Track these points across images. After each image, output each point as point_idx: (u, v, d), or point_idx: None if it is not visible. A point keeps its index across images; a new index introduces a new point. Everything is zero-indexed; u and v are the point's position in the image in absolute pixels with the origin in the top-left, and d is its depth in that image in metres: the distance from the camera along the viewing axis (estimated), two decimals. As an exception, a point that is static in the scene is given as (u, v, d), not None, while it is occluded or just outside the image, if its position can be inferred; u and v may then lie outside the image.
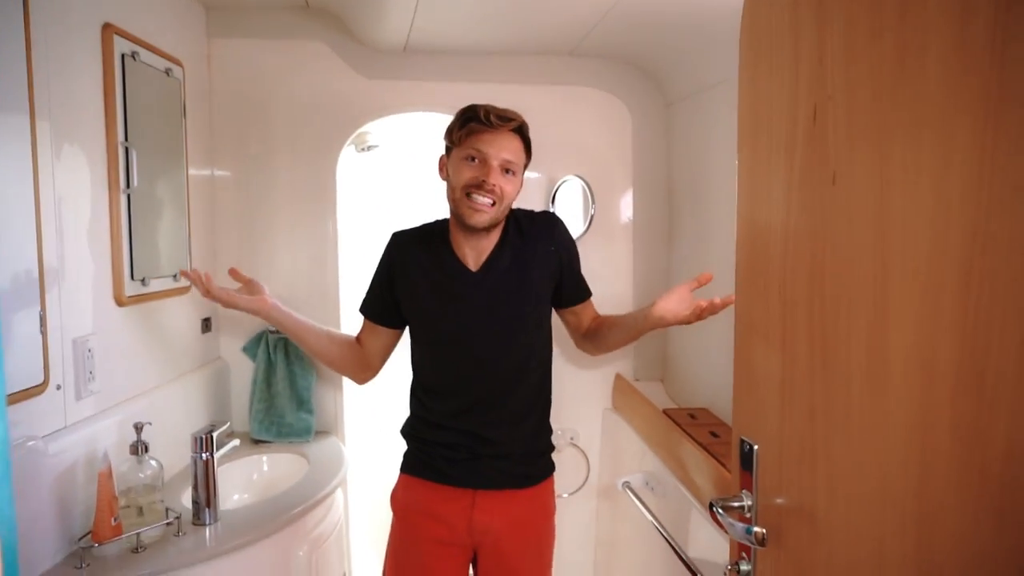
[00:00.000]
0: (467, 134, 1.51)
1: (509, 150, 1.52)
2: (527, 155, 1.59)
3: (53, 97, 1.37)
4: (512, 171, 1.53)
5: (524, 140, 1.57)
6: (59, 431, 1.40)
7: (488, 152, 1.50)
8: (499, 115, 1.51)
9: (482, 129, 1.50)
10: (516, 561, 1.61)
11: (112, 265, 1.60)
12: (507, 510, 1.59)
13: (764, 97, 0.90)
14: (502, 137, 1.51)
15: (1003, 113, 0.54)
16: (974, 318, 0.57)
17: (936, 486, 0.62)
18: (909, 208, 0.64)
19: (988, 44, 0.55)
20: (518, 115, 1.56)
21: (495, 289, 1.58)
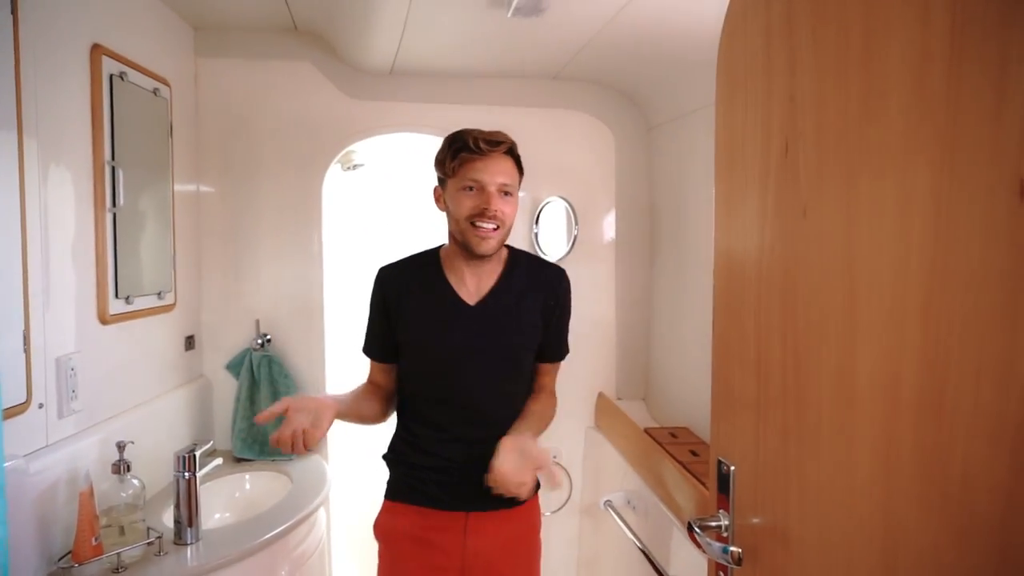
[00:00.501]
0: (460, 164, 1.51)
1: (504, 173, 1.51)
2: (520, 174, 1.58)
3: (41, 115, 1.39)
4: (510, 192, 1.53)
5: (516, 159, 1.57)
6: (40, 450, 1.40)
7: (484, 179, 1.49)
8: (488, 140, 1.50)
9: (474, 157, 1.49)
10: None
11: (96, 283, 1.61)
12: (500, 530, 1.57)
13: (739, 131, 0.94)
14: (495, 162, 1.50)
15: (957, 156, 0.58)
16: (934, 346, 0.61)
17: (900, 505, 0.65)
18: (874, 242, 0.68)
19: (943, 92, 0.59)
20: (506, 136, 1.55)
21: (491, 324, 1.56)
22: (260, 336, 2.23)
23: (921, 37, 0.61)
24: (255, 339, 2.22)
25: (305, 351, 2.28)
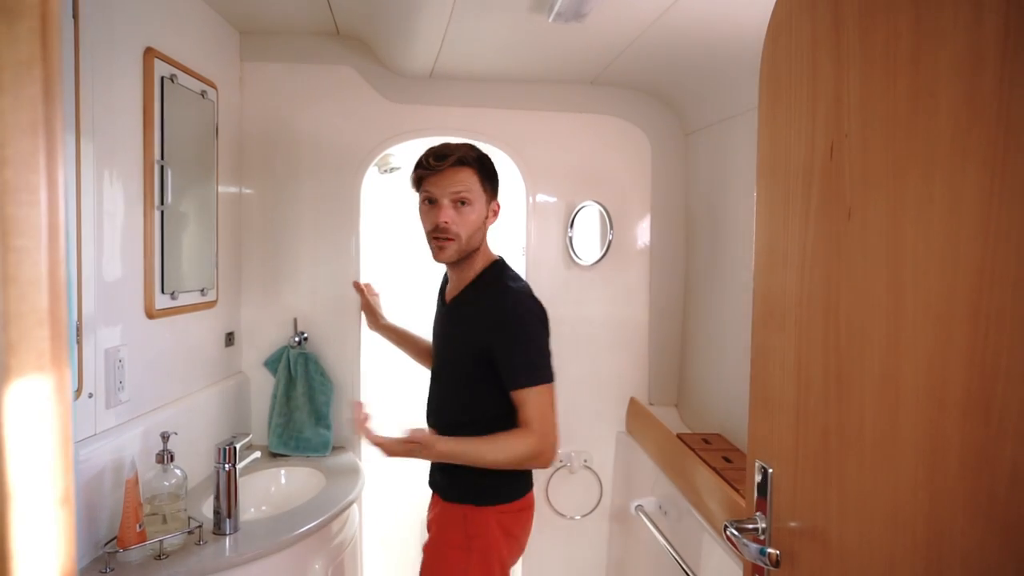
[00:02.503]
0: (417, 181, 1.66)
1: (456, 183, 1.60)
2: (484, 179, 1.64)
3: (96, 116, 1.44)
4: (466, 201, 1.61)
5: (476, 167, 1.63)
6: (89, 438, 1.45)
7: (435, 192, 1.61)
8: (436, 155, 1.61)
9: (428, 173, 1.62)
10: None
11: (144, 278, 1.66)
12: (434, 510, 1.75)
13: (782, 133, 0.94)
14: (446, 175, 1.60)
15: (1008, 159, 0.58)
16: (982, 349, 0.60)
17: (945, 507, 0.65)
18: (920, 245, 0.67)
19: (995, 94, 0.59)
20: (459, 147, 1.63)
21: (449, 324, 1.75)
22: (297, 334, 2.27)
23: (974, 38, 0.61)
24: (293, 337, 2.27)
25: (341, 349, 2.32)
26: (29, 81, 0.42)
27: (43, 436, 0.44)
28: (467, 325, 1.66)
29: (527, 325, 1.59)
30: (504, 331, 1.57)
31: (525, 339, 1.58)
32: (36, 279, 0.43)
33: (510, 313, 1.58)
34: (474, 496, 1.64)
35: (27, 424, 0.43)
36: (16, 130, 0.42)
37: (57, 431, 0.45)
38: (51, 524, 0.45)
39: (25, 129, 0.43)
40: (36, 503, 0.44)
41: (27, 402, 0.43)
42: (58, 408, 0.45)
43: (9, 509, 0.42)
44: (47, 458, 0.45)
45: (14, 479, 0.42)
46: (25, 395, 0.43)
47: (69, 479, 0.49)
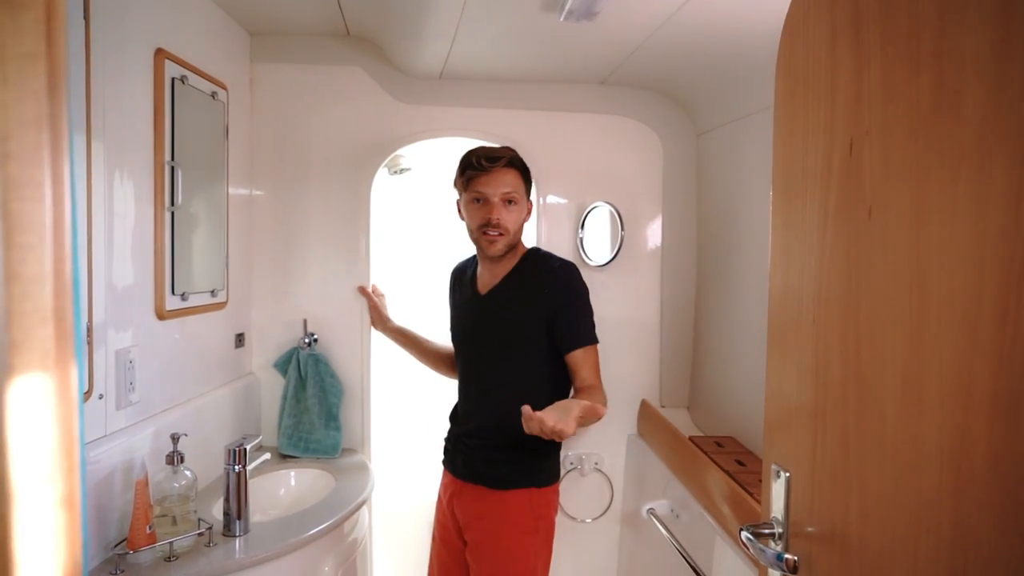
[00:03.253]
0: (467, 180, 1.78)
1: (505, 184, 1.75)
2: (525, 181, 1.82)
3: (107, 117, 1.44)
4: (513, 200, 1.77)
5: (519, 168, 1.80)
6: (99, 439, 1.45)
7: (487, 192, 1.75)
8: (488, 156, 1.76)
9: (478, 174, 1.76)
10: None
11: (155, 279, 1.65)
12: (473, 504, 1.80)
13: (800, 131, 0.92)
14: (496, 175, 1.75)
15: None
16: (1010, 350, 0.58)
17: (972, 513, 0.63)
18: (946, 242, 0.66)
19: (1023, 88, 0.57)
20: (507, 150, 1.81)
21: (490, 312, 1.84)
22: (307, 335, 2.27)
23: (1000, 30, 0.59)
24: (303, 338, 2.26)
25: (351, 351, 2.31)
26: (33, 75, 0.41)
27: (46, 437, 0.43)
28: (522, 304, 1.80)
29: (583, 292, 1.80)
30: (567, 297, 1.77)
31: (583, 303, 1.79)
32: (40, 276, 0.42)
33: (569, 281, 1.78)
34: (537, 479, 1.77)
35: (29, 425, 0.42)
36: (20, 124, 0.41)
37: (61, 431, 0.44)
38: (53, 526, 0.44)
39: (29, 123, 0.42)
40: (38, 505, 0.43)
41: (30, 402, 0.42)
42: (62, 408, 0.44)
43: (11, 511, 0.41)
44: (50, 459, 0.44)
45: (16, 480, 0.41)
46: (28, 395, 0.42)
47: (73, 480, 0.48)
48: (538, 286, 1.78)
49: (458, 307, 1.99)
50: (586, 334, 1.78)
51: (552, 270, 1.80)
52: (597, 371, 1.78)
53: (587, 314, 1.80)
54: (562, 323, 1.75)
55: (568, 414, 1.48)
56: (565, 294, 1.77)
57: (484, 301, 1.86)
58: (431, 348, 2.23)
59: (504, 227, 1.76)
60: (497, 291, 1.84)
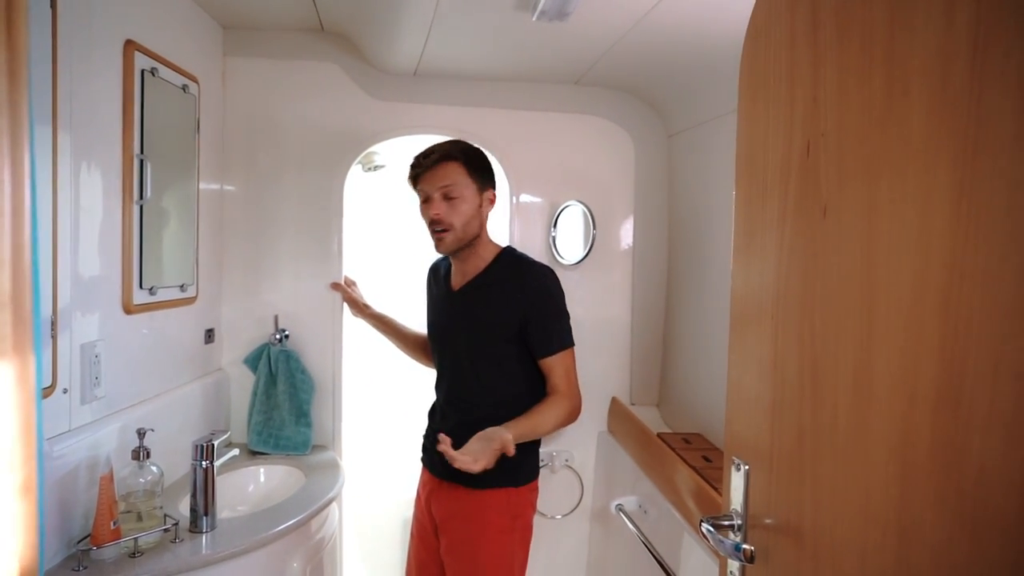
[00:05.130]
0: (413, 181, 1.81)
1: (442, 179, 1.75)
2: (473, 172, 1.77)
3: (75, 108, 1.42)
4: (453, 195, 1.74)
5: (462, 161, 1.76)
6: (63, 434, 1.43)
7: (426, 189, 1.77)
8: (423, 154, 1.79)
9: (417, 172, 1.79)
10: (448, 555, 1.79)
11: (122, 273, 1.64)
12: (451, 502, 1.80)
13: (761, 132, 0.95)
14: (433, 172, 1.76)
15: (979, 154, 0.58)
16: (952, 344, 0.61)
17: (915, 502, 0.65)
18: (893, 241, 0.68)
19: (966, 91, 0.60)
20: (443, 145, 1.79)
21: (463, 310, 1.84)
22: (278, 331, 2.26)
23: (944, 36, 0.62)
24: (273, 334, 2.25)
25: (323, 347, 2.31)
26: (-8, 60, 0.41)
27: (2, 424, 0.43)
28: (495, 305, 1.78)
29: (556, 295, 1.78)
30: (539, 300, 1.75)
31: (556, 307, 1.77)
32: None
33: (542, 284, 1.76)
34: (515, 478, 1.76)
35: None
36: (-22, 110, 0.41)
37: (17, 419, 0.44)
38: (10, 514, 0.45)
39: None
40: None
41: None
42: (19, 395, 0.44)
43: (-34, 495, 0.41)
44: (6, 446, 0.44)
45: (-29, 465, 0.42)
46: (-16, 379, 0.42)
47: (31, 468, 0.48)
48: (513, 289, 1.76)
49: (434, 303, 1.99)
50: (559, 340, 1.76)
51: (529, 274, 1.78)
52: (569, 376, 1.77)
53: (561, 320, 1.78)
54: (536, 328, 1.74)
55: (488, 447, 1.57)
56: (540, 299, 1.75)
57: (457, 298, 1.86)
58: (410, 335, 2.23)
59: (447, 223, 1.74)
60: (469, 289, 1.83)
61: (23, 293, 0.45)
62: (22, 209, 0.44)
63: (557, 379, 1.75)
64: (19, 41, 0.43)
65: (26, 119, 0.44)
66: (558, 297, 1.78)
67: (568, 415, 1.74)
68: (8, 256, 0.43)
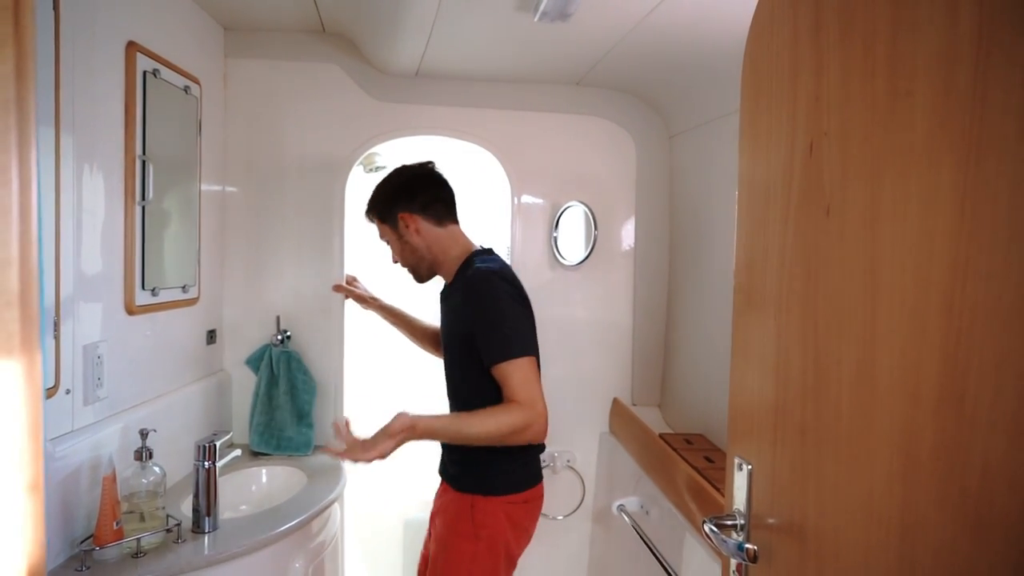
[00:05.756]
0: None
1: (379, 232, 1.89)
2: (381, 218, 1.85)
3: (77, 110, 1.42)
4: (388, 244, 1.87)
5: (373, 213, 1.86)
6: (66, 435, 1.43)
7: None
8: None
9: None
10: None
11: (124, 274, 1.64)
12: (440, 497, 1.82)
13: (763, 132, 0.95)
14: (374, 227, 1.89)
15: (982, 154, 0.59)
16: (955, 343, 0.61)
17: (919, 501, 0.65)
18: (897, 241, 0.68)
19: (969, 91, 0.60)
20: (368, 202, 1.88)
21: (442, 318, 1.87)
22: (280, 332, 2.26)
23: (948, 37, 0.62)
24: (275, 335, 2.25)
25: (324, 348, 2.31)
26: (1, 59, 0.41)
27: (10, 421, 0.43)
28: (453, 315, 1.77)
29: (496, 301, 1.64)
30: (476, 309, 1.65)
31: (496, 315, 1.63)
32: (6, 260, 0.42)
33: (478, 291, 1.66)
34: (482, 486, 1.70)
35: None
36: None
37: (26, 416, 0.45)
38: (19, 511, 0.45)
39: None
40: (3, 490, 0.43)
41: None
42: (27, 392, 0.45)
43: (-25, 493, 0.42)
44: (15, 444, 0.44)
45: (-20, 462, 0.42)
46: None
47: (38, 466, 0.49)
48: (462, 299, 1.71)
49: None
50: (501, 349, 1.60)
51: (468, 282, 1.69)
52: (523, 386, 1.57)
53: (503, 328, 1.62)
54: (480, 338, 1.63)
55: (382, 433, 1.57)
56: (480, 308, 1.64)
57: (441, 306, 1.89)
58: (419, 326, 2.21)
59: (403, 265, 1.86)
60: (443, 296, 1.87)
61: (31, 292, 0.46)
62: (29, 208, 0.45)
63: (509, 390, 1.58)
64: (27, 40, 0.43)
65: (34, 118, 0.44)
66: (499, 303, 1.63)
67: (521, 425, 1.55)
68: (16, 254, 0.43)
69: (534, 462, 1.77)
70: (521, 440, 1.59)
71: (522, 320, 1.66)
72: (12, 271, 0.42)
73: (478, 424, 1.56)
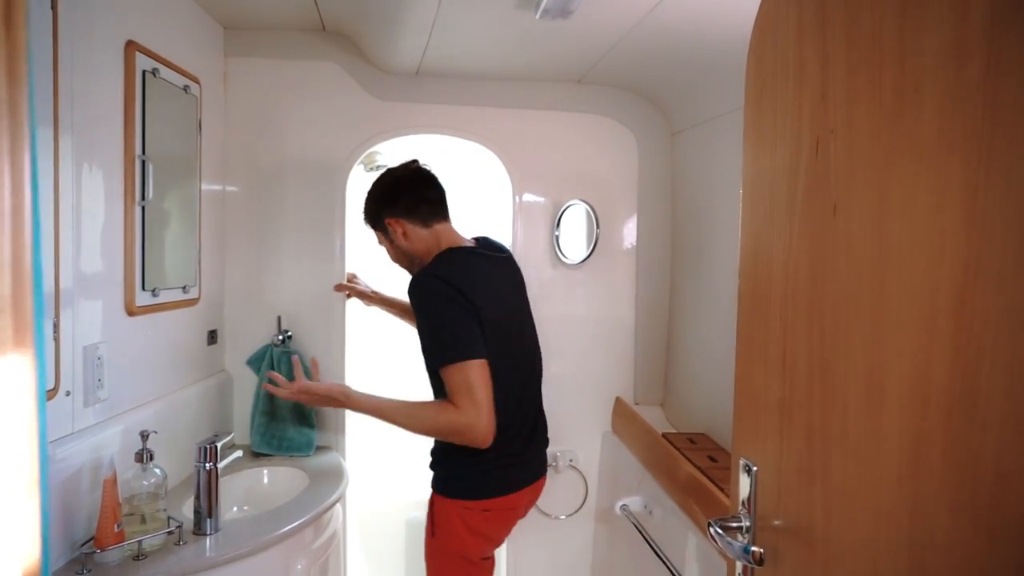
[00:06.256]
0: None
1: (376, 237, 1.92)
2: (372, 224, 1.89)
3: (76, 110, 1.41)
4: (381, 243, 1.90)
5: (366, 219, 1.89)
6: (66, 437, 1.42)
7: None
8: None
9: None
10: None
11: (124, 275, 1.63)
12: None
13: (768, 130, 0.94)
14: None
15: (993, 152, 0.57)
16: (966, 344, 0.60)
17: (929, 506, 0.64)
18: (905, 240, 0.67)
19: (980, 87, 0.59)
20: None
21: None
22: (281, 332, 2.25)
23: (958, 31, 0.61)
24: (276, 335, 2.24)
25: (326, 348, 2.30)
26: (-9, 60, 0.40)
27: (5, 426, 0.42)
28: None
29: (432, 306, 1.62)
30: (417, 314, 1.65)
31: (431, 320, 1.62)
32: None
33: (416, 296, 1.65)
34: (441, 487, 1.75)
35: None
36: (-23, 111, 0.41)
37: (20, 420, 0.44)
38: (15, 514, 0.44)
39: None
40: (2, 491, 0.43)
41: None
42: (21, 397, 0.44)
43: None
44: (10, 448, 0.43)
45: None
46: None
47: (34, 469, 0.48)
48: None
49: None
50: (435, 354, 1.62)
51: (409, 286, 1.67)
52: (456, 392, 1.57)
53: (440, 333, 1.61)
54: (421, 343, 1.66)
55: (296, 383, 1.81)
56: (418, 313, 1.65)
57: None
58: None
59: (400, 264, 1.89)
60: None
61: (24, 296, 0.45)
62: (22, 211, 0.44)
63: (449, 392, 1.59)
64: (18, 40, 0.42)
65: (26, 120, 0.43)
66: (435, 307, 1.62)
67: (453, 427, 1.57)
68: (8, 258, 0.42)
69: (502, 471, 1.71)
70: (458, 441, 1.61)
71: (460, 323, 1.60)
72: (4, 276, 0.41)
73: (408, 416, 1.66)
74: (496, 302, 1.69)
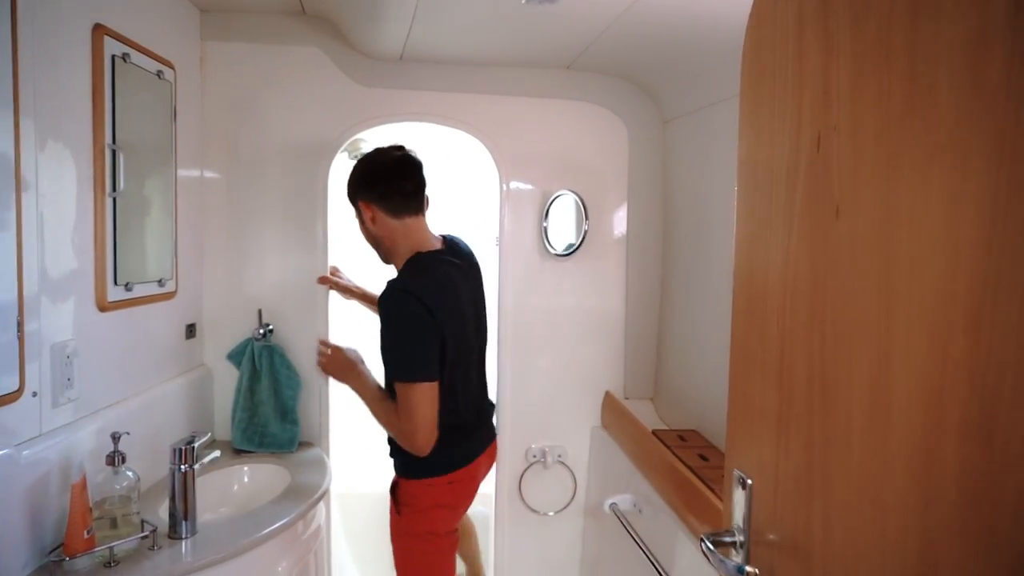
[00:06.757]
0: None
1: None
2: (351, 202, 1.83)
3: (39, 95, 1.34)
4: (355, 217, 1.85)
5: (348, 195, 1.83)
6: (33, 439, 1.36)
7: None
8: None
9: None
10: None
11: (95, 270, 1.56)
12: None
13: (765, 126, 0.88)
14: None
15: (1017, 152, 0.52)
16: (984, 363, 0.55)
17: (940, 535, 0.60)
18: (916, 249, 0.62)
19: (1003, 80, 0.53)
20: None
21: None
22: (262, 326, 2.19)
23: (978, 19, 0.55)
24: (257, 329, 2.18)
25: (307, 342, 2.24)
26: None
27: None
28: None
29: (398, 322, 1.66)
30: (382, 324, 1.67)
31: (394, 335, 1.66)
32: None
33: (384, 308, 1.67)
34: (404, 471, 1.79)
35: None
36: None
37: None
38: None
39: None
40: None
41: None
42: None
43: None
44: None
45: None
46: None
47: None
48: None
49: None
50: (389, 366, 1.69)
51: (380, 296, 1.69)
52: (404, 411, 1.64)
53: (399, 349, 1.66)
54: (382, 353, 1.69)
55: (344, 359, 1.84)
56: (382, 321, 1.67)
57: None
58: None
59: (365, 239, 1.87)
60: None
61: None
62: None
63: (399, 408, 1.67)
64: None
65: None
66: (400, 324, 1.65)
67: (397, 432, 1.70)
68: None
69: (458, 447, 1.79)
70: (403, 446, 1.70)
71: (420, 344, 1.65)
72: None
73: (381, 412, 1.74)
74: (458, 317, 1.74)
